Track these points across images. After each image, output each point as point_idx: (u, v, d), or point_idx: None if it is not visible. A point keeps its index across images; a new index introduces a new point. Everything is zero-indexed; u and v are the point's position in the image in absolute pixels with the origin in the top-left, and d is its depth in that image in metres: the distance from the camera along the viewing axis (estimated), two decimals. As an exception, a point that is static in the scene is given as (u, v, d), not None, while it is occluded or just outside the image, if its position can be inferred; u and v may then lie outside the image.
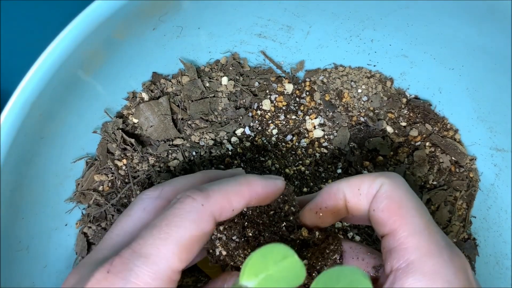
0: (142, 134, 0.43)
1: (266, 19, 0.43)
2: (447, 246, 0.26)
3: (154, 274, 0.24)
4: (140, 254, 0.25)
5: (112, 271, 0.25)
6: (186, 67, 0.44)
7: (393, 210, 0.27)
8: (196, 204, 0.26)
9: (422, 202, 0.28)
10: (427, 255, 0.25)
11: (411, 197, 0.28)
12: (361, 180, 0.29)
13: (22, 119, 0.31)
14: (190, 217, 0.26)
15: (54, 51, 0.30)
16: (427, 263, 0.25)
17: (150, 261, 0.25)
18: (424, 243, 0.26)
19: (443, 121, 0.47)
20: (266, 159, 0.44)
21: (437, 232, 0.27)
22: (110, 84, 0.40)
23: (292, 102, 0.47)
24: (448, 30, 0.40)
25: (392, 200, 0.27)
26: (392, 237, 0.27)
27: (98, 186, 0.42)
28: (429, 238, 0.26)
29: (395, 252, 0.26)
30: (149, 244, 0.25)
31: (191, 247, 0.26)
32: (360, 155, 0.46)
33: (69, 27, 0.30)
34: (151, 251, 0.25)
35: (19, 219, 0.36)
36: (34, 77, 0.30)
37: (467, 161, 0.47)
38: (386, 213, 0.27)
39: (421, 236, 0.26)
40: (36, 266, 0.38)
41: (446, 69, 0.44)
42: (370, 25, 0.43)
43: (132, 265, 0.25)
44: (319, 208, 0.30)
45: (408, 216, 0.27)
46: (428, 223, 0.27)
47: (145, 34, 0.38)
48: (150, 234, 0.26)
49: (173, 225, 0.26)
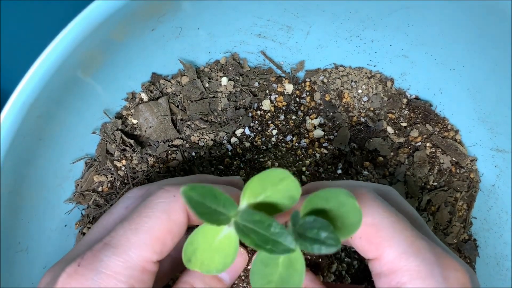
0: (141, 135, 0.43)
1: (266, 19, 0.43)
2: (440, 263, 0.25)
3: (125, 263, 0.24)
4: (111, 245, 0.25)
5: (82, 264, 0.25)
6: (186, 67, 0.44)
7: (372, 235, 0.26)
8: (168, 194, 0.26)
9: (397, 212, 0.27)
10: (418, 278, 0.24)
11: (386, 214, 0.26)
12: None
13: (21, 120, 0.31)
14: (160, 208, 0.26)
15: (53, 52, 0.30)
16: (418, 285, 0.24)
17: (119, 251, 0.25)
18: (413, 264, 0.24)
19: (444, 121, 0.47)
20: (266, 159, 0.44)
21: (424, 246, 0.25)
22: (109, 84, 0.40)
23: (292, 102, 0.47)
24: (449, 31, 0.40)
25: (366, 225, 0.26)
26: (378, 262, 0.26)
27: (97, 187, 0.42)
28: (416, 257, 0.25)
29: (384, 277, 0.25)
30: (120, 235, 0.25)
31: (164, 238, 0.26)
32: (360, 155, 0.46)
33: (68, 27, 0.30)
34: (122, 242, 0.25)
35: (18, 220, 0.36)
36: (33, 78, 0.30)
37: (467, 162, 0.46)
38: (364, 240, 0.26)
39: (408, 256, 0.25)
40: (36, 267, 0.38)
41: (447, 70, 0.44)
42: (370, 25, 0.43)
43: (103, 256, 0.25)
44: None
45: (389, 237, 0.25)
46: (411, 238, 0.25)
47: (144, 35, 0.38)
48: (121, 226, 0.26)
49: (144, 215, 0.26)
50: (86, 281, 0.24)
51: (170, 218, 0.26)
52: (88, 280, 0.24)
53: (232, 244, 0.25)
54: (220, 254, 0.25)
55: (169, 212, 0.26)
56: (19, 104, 0.30)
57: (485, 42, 0.38)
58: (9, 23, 0.50)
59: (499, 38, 0.37)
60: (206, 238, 0.25)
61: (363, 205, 0.26)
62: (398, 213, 0.27)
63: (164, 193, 0.26)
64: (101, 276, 0.24)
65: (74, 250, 0.28)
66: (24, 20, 0.50)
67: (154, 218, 0.26)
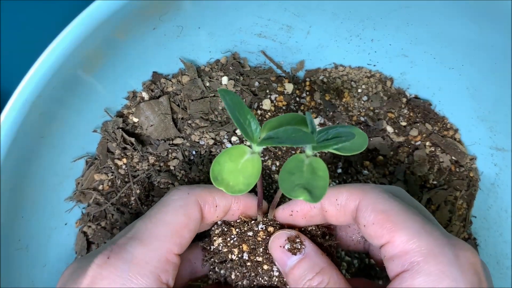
0: (142, 133, 0.43)
1: (266, 19, 0.44)
2: (450, 243, 0.26)
3: (152, 253, 0.26)
4: (136, 238, 0.27)
5: (112, 256, 0.26)
6: (187, 66, 0.44)
7: (384, 221, 0.27)
8: (182, 193, 0.29)
9: (406, 203, 0.28)
10: (430, 255, 0.25)
11: (395, 203, 0.28)
12: (338, 191, 0.30)
13: (22, 118, 0.31)
14: (177, 204, 0.28)
15: (55, 50, 0.30)
16: (431, 263, 0.25)
17: (145, 243, 0.27)
18: (424, 244, 0.26)
19: (443, 120, 0.47)
20: (266, 158, 0.44)
21: (435, 229, 0.27)
22: (110, 83, 0.40)
23: (292, 101, 0.47)
24: (448, 30, 0.40)
25: (378, 212, 0.28)
26: (391, 245, 0.27)
27: (98, 185, 0.42)
28: (428, 238, 0.26)
29: (397, 258, 0.26)
30: (142, 229, 0.27)
31: (182, 231, 0.28)
32: (360, 154, 0.46)
33: (70, 26, 0.30)
34: (146, 235, 0.27)
35: (18, 217, 0.36)
36: (34, 76, 0.30)
37: (467, 161, 0.47)
38: (377, 225, 0.27)
39: (420, 237, 0.26)
40: (36, 265, 0.38)
41: (446, 69, 0.44)
42: (370, 24, 0.43)
43: (130, 247, 0.26)
44: (291, 210, 0.31)
45: (400, 221, 0.27)
46: (422, 222, 0.27)
47: (146, 34, 0.38)
48: (142, 222, 0.28)
49: (163, 211, 0.28)
50: (117, 271, 0.25)
51: (187, 213, 0.28)
52: (119, 270, 0.26)
53: (256, 166, 0.27)
54: (244, 174, 0.27)
55: (185, 208, 0.28)
56: (21, 101, 0.30)
57: (484, 41, 0.39)
58: (9, 23, 0.50)
59: (498, 36, 0.37)
60: (231, 160, 0.27)
61: (375, 197, 0.28)
62: (403, 202, 0.28)
63: (178, 192, 0.29)
64: (131, 266, 0.26)
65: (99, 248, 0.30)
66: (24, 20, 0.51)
67: (172, 214, 0.28)
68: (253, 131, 0.27)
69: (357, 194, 0.29)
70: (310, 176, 0.26)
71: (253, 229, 0.31)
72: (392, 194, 0.29)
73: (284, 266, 0.29)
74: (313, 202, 0.25)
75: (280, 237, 0.30)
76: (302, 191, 0.25)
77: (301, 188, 0.25)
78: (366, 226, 0.28)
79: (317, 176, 0.26)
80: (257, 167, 0.27)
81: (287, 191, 0.26)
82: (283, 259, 0.29)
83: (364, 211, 0.28)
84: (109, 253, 0.26)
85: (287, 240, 0.29)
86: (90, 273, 0.26)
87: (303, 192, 0.25)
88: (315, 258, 0.29)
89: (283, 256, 0.29)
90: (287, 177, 0.26)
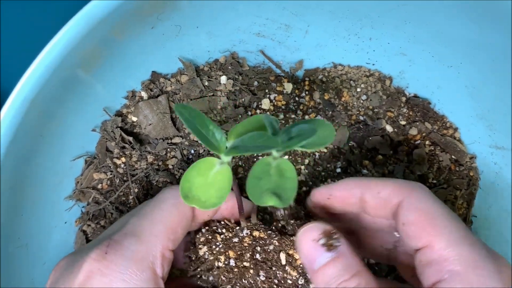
0: (141, 133, 0.43)
1: (265, 18, 0.44)
2: (493, 256, 0.25)
3: (149, 249, 0.27)
4: (133, 234, 0.27)
5: (109, 251, 0.26)
6: (185, 66, 0.44)
7: (426, 222, 0.26)
8: (175, 191, 0.29)
9: (451, 210, 0.27)
10: (471, 266, 0.24)
11: (441, 207, 0.27)
12: (384, 184, 0.29)
13: (22, 117, 0.31)
14: (170, 202, 0.29)
15: (53, 49, 0.31)
16: (472, 274, 0.24)
17: (142, 239, 0.27)
18: (466, 254, 0.25)
19: (443, 119, 0.47)
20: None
21: (477, 241, 0.26)
22: (109, 83, 0.41)
23: (291, 101, 0.47)
24: (446, 28, 0.40)
25: (421, 212, 0.26)
26: (430, 249, 0.26)
27: (97, 184, 0.42)
28: (470, 248, 0.25)
29: (435, 264, 0.25)
30: (138, 226, 0.28)
31: (176, 229, 0.29)
32: (360, 154, 0.46)
33: (67, 25, 0.30)
34: (142, 231, 0.28)
35: (18, 216, 0.36)
36: (33, 75, 0.31)
37: (467, 160, 0.46)
38: (418, 226, 0.26)
39: (462, 246, 0.25)
40: (36, 263, 0.39)
41: (445, 67, 0.44)
42: (368, 23, 0.43)
43: (127, 243, 0.27)
44: (329, 194, 0.31)
45: (443, 226, 0.26)
46: (465, 232, 0.26)
47: (144, 33, 0.39)
48: (136, 219, 0.28)
49: (157, 209, 0.29)
50: (118, 267, 0.26)
51: (180, 211, 0.29)
52: (119, 266, 0.26)
53: (226, 177, 0.26)
54: (215, 187, 0.26)
55: (178, 206, 0.29)
56: (20, 100, 0.31)
57: (483, 39, 0.39)
58: (9, 23, 0.50)
59: (497, 34, 0.37)
60: (200, 174, 0.26)
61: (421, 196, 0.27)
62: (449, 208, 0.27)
63: (171, 191, 0.30)
64: (130, 262, 0.26)
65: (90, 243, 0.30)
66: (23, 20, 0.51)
67: (166, 211, 0.29)
68: (218, 141, 0.26)
69: (403, 191, 0.28)
70: (278, 179, 0.26)
71: (238, 235, 0.30)
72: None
73: (313, 263, 0.26)
74: (282, 206, 0.24)
75: (314, 230, 0.27)
76: (270, 196, 0.25)
77: (269, 194, 0.25)
78: (406, 224, 0.27)
79: (285, 178, 0.26)
80: (227, 178, 0.26)
81: (255, 198, 0.25)
82: (313, 255, 0.26)
83: (407, 209, 0.27)
84: (106, 248, 0.27)
85: (323, 234, 0.27)
86: (86, 267, 0.26)
87: (271, 197, 0.25)
88: (350, 259, 0.26)
89: (313, 251, 0.26)
90: (255, 182, 0.26)
